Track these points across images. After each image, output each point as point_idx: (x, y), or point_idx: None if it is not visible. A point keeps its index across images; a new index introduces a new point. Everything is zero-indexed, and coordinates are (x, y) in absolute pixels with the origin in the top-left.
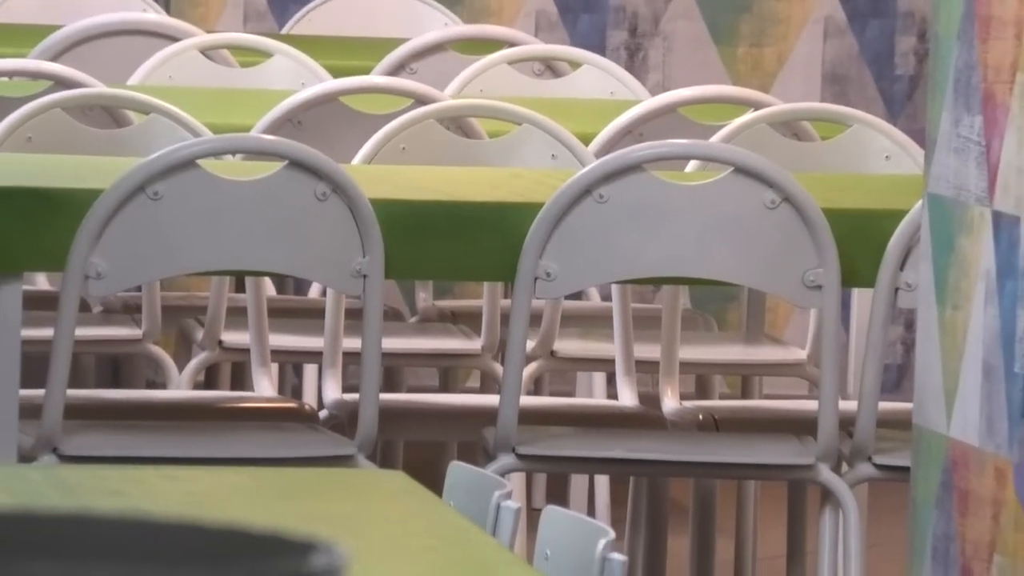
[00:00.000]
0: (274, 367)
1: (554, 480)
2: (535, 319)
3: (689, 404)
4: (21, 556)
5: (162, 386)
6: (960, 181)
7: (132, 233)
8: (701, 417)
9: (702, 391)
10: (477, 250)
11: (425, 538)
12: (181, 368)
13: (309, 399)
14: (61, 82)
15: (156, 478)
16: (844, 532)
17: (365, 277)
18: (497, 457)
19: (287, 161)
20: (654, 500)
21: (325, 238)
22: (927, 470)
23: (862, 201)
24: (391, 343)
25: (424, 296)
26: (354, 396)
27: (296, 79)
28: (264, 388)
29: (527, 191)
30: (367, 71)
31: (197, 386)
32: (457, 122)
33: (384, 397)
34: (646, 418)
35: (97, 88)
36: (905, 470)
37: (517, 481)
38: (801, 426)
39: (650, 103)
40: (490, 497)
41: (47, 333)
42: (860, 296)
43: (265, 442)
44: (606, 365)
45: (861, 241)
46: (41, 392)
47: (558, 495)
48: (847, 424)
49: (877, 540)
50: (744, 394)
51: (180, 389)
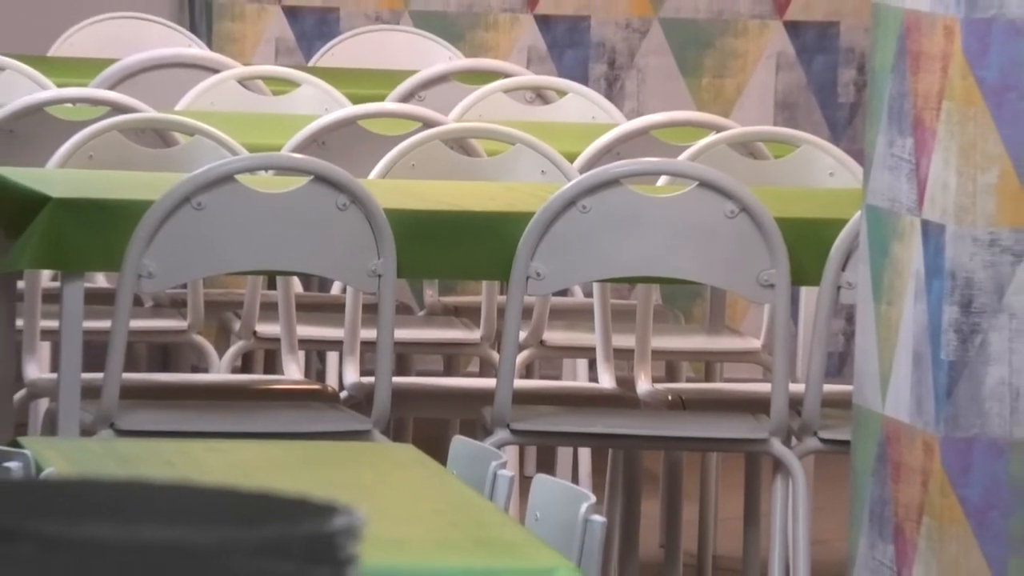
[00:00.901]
0: (301, 354)
1: (543, 452)
2: (527, 313)
3: (660, 386)
4: (83, 519)
5: (204, 370)
6: (894, 194)
7: (178, 238)
8: (670, 398)
9: (671, 375)
10: (476, 253)
11: (432, 502)
12: (221, 355)
13: (331, 382)
14: (118, 108)
15: (199, 450)
16: (793, 497)
17: (380, 276)
18: (494, 432)
19: (312, 176)
20: (629, 469)
21: (345, 243)
22: (865, 444)
23: (809, 211)
24: (402, 333)
25: (430, 293)
26: (370, 379)
27: (320, 105)
28: (292, 372)
29: (520, 202)
30: (381, 98)
31: (235, 370)
32: (459, 143)
33: (396, 380)
34: (622, 399)
35: (149, 113)
36: (846, 444)
37: (511, 453)
38: (756, 405)
39: (626, 126)
40: (488, 467)
41: (105, 324)
42: (807, 293)
43: (293, 419)
44: (588, 353)
45: (808, 246)
46: (100, 375)
47: (546, 465)
48: (796, 404)
49: (822, 504)
50: (707, 378)
51: (220, 373)
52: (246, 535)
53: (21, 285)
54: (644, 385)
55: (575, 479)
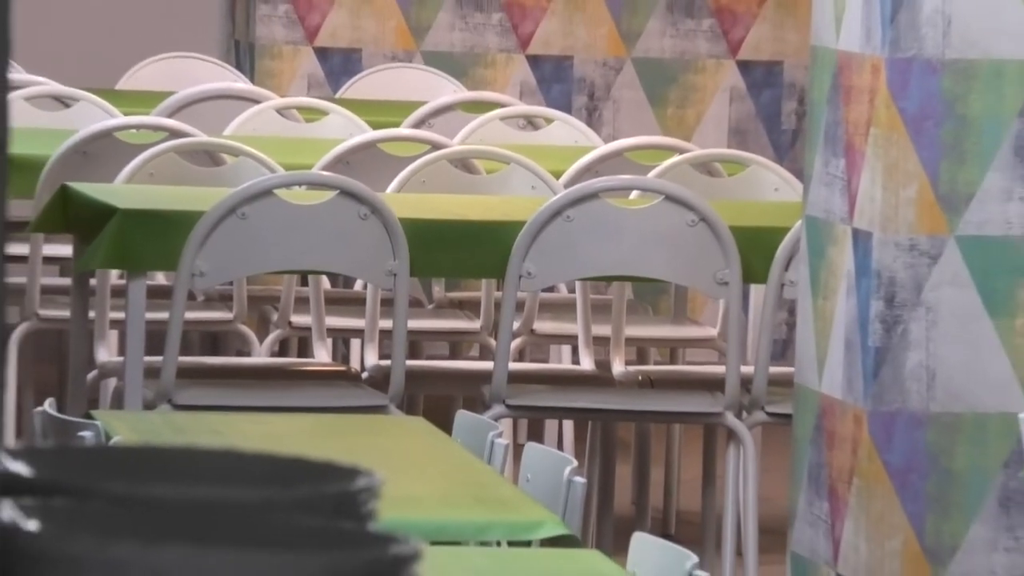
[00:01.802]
0: (328, 341)
1: (533, 424)
2: (520, 306)
3: (631, 368)
4: (144, 480)
5: (247, 355)
6: (829, 207)
7: (225, 243)
8: (640, 378)
9: (641, 359)
10: (477, 255)
11: (439, 466)
12: (261, 341)
13: (354, 364)
14: (175, 133)
15: (243, 422)
16: (744, 462)
17: (395, 275)
18: (491, 407)
19: (339, 191)
20: (605, 438)
21: (366, 247)
22: (804, 416)
23: (757, 221)
24: (414, 323)
25: (438, 289)
26: (386, 362)
27: (345, 131)
28: (321, 356)
29: (513, 213)
30: (397, 125)
31: (273, 355)
32: (463, 162)
33: (409, 363)
34: (600, 379)
35: (201, 137)
36: (788, 416)
37: (506, 425)
38: (713, 384)
39: (603, 149)
40: (486, 436)
41: (163, 316)
42: (755, 290)
43: (321, 396)
44: (571, 340)
45: (756, 250)
46: (159, 359)
47: (536, 434)
48: (746, 383)
49: (768, 467)
50: (671, 361)
51: (260, 357)
52: (282, 494)
53: (93, 282)
54: (618, 367)
55: (560, 447)
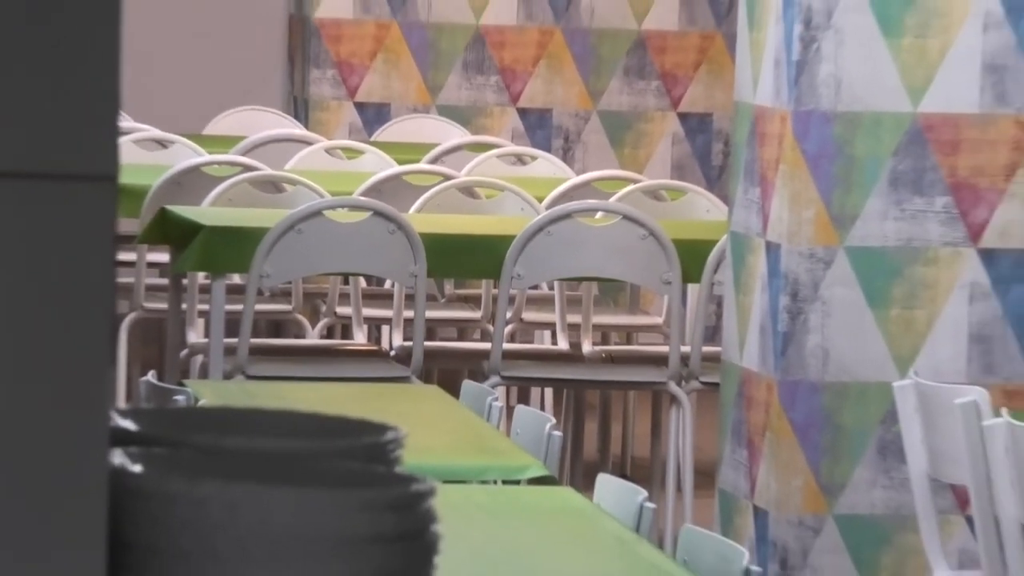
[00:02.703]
0: (365, 327)
1: (522, 391)
2: (511, 300)
3: (597, 348)
4: (224, 433)
5: (302, 337)
6: (748, 224)
7: (285, 252)
8: (603, 355)
9: (604, 340)
10: (478, 261)
11: (449, 423)
12: (313, 327)
13: (384, 345)
14: (247, 168)
15: (298, 389)
16: (683, 420)
17: (415, 277)
18: (490, 378)
19: (372, 212)
20: (577, 402)
21: (393, 255)
22: (729, 384)
23: (693, 235)
24: (430, 313)
25: (448, 287)
26: (409, 343)
27: (378, 166)
28: (359, 339)
29: (506, 229)
30: (417, 161)
31: (322, 337)
32: (468, 190)
33: (426, 344)
34: (573, 356)
35: (267, 171)
36: (717, 384)
37: (501, 392)
38: (659, 360)
39: (575, 180)
40: (486, 400)
41: (238, 307)
42: (692, 288)
43: (359, 369)
44: (551, 326)
45: (692, 257)
46: (235, 340)
47: (524, 399)
48: (685, 359)
49: (701, 424)
50: (627, 342)
51: (312, 339)
52: (328, 444)
53: (185, 282)
54: (587, 347)
55: (542, 408)
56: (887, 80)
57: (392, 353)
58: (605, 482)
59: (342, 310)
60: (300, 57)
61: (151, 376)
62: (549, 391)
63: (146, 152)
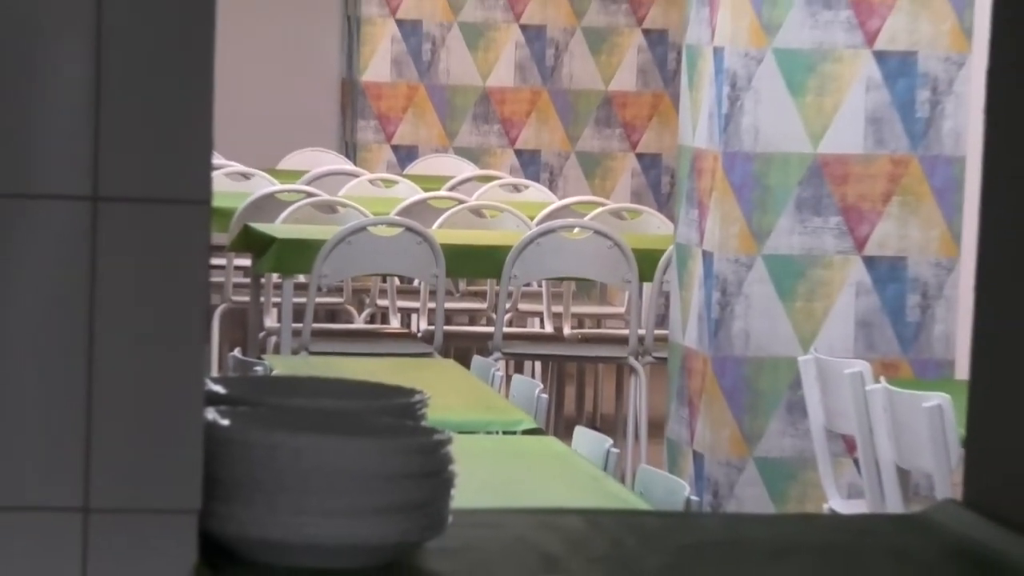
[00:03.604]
0: (399, 315)
1: (518, 364)
2: (509, 295)
3: (575, 331)
4: (292, 395)
5: (351, 323)
6: (689, 238)
7: (339, 258)
8: (579, 337)
9: (580, 325)
10: (485, 265)
11: (462, 388)
12: (359, 315)
13: (413, 329)
14: (310, 194)
15: (348, 362)
16: (639, 386)
17: (437, 276)
18: (493, 354)
19: (404, 228)
20: (559, 372)
21: (420, 260)
22: (674, 359)
23: (648, 245)
24: (448, 305)
25: (462, 284)
26: (432, 327)
27: (409, 193)
28: (394, 324)
29: (506, 241)
30: (438, 189)
31: (366, 323)
32: (476, 212)
33: (445, 328)
34: (557, 337)
35: (324, 197)
36: (665, 359)
37: (501, 364)
38: (622, 341)
39: (558, 203)
40: (490, 371)
41: (302, 300)
42: (647, 286)
43: (393, 347)
44: (539, 314)
45: (647, 262)
46: (300, 325)
47: (519, 370)
48: (641, 340)
49: (653, 388)
50: (598, 327)
51: (359, 324)
52: (370, 404)
53: (263, 280)
54: (567, 330)
55: (533, 377)
56: (793, 129)
57: (419, 335)
58: (580, 433)
59: (381, 302)
60: (350, 110)
61: (237, 352)
62: (538, 364)
63: (233, 182)
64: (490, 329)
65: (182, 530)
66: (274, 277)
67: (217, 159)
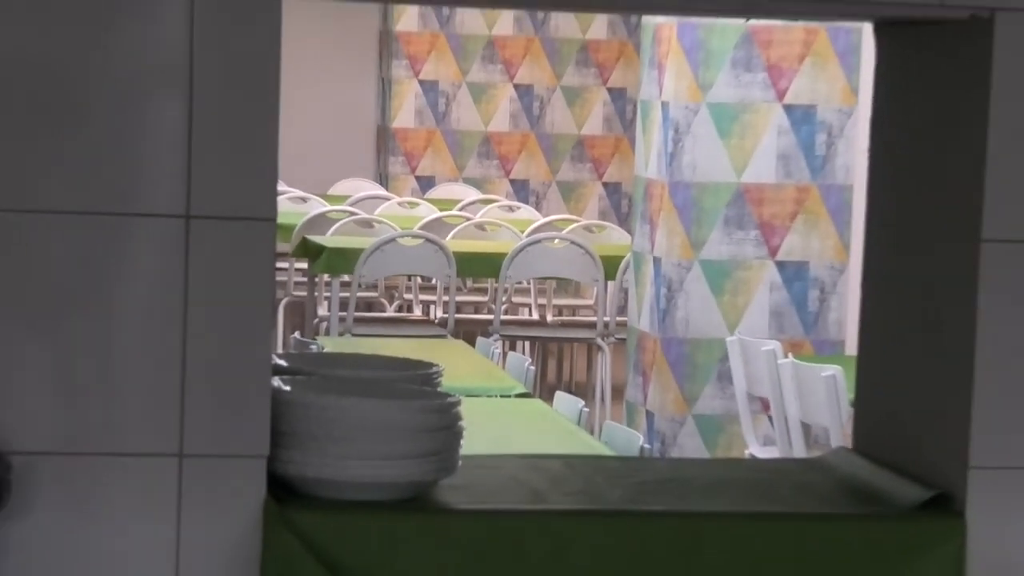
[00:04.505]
0: (421, 306)
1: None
2: (505, 290)
3: (556, 318)
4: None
5: (384, 312)
6: (643, 247)
7: (375, 262)
8: (559, 323)
9: (560, 314)
10: (487, 267)
11: (468, 362)
12: (390, 306)
13: (432, 316)
14: (352, 214)
15: (381, 341)
16: (605, 361)
17: (450, 276)
18: (492, 336)
19: (424, 239)
20: (544, 350)
21: (437, 263)
22: (631, 339)
23: (611, 252)
24: (458, 298)
25: (469, 282)
26: (445, 315)
27: (428, 212)
28: (417, 313)
29: (503, 248)
30: (451, 210)
31: (396, 312)
32: (480, 226)
33: (456, 316)
34: (541, 323)
35: (363, 215)
36: (625, 339)
37: (499, 344)
38: (591, 325)
39: (542, 220)
40: (491, 349)
41: (346, 294)
42: (611, 284)
43: (417, 330)
44: (528, 305)
45: (611, 266)
46: (345, 313)
47: (513, 348)
48: (607, 325)
49: (616, 362)
50: (573, 315)
51: (389, 313)
52: (399, 374)
53: (316, 279)
54: (550, 317)
55: (524, 353)
56: (722, 164)
57: (435, 321)
58: (559, 397)
59: (407, 296)
60: (383, 149)
61: (296, 335)
62: (527, 343)
63: (293, 204)
64: (490, 317)
65: (254, 471)
66: (325, 277)
67: (281, 186)
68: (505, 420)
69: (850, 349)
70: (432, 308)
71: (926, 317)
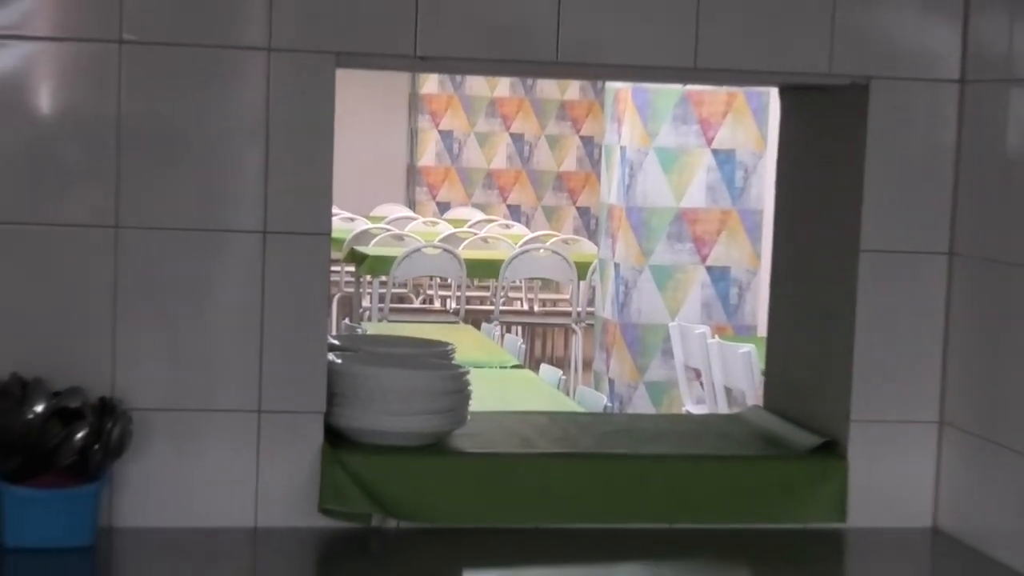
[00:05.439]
0: (439, 300)
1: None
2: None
3: (540, 308)
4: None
5: (411, 304)
6: (606, 255)
7: (405, 266)
8: (544, 312)
9: (543, 306)
10: (488, 270)
11: (475, 342)
12: (416, 299)
13: (448, 307)
14: (388, 230)
15: (409, 326)
16: (578, 341)
17: (462, 277)
18: (493, 322)
19: (442, 250)
20: (532, 332)
21: (452, 267)
22: (598, 325)
23: (583, 259)
24: (468, 293)
25: (476, 281)
26: (458, 306)
27: (445, 229)
28: (437, 305)
29: (502, 256)
30: (463, 227)
31: (421, 304)
32: (484, 239)
33: (467, 306)
34: (530, 312)
35: (396, 232)
36: (593, 325)
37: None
38: (568, 314)
39: (532, 235)
40: (493, 332)
41: (384, 291)
42: (583, 282)
43: (437, 318)
44: (520, 299)
45: (582, 269)
46: (383, 305)
47: (509, 332)
48: (579, 314)
49: (587, 342)
50: (554, 306)
51: (415, 304)
52: (423, 351)
53: (361, 279)
54: (536, 308)
55: (517, 335)
56: (664, 192)
57: (451, 311)
58: (544, 368)
59: (429, 292)
60: (412, 181)
61: (346, 321)
62: (520, 328)
63: (343, 223)
64: (492, 307)
65: (314, 423)
66: (367, 277)
67: (334, 209)
68: (503, 386)
69: (761, 332)
70: (448, 301)
71: (818, 308)
